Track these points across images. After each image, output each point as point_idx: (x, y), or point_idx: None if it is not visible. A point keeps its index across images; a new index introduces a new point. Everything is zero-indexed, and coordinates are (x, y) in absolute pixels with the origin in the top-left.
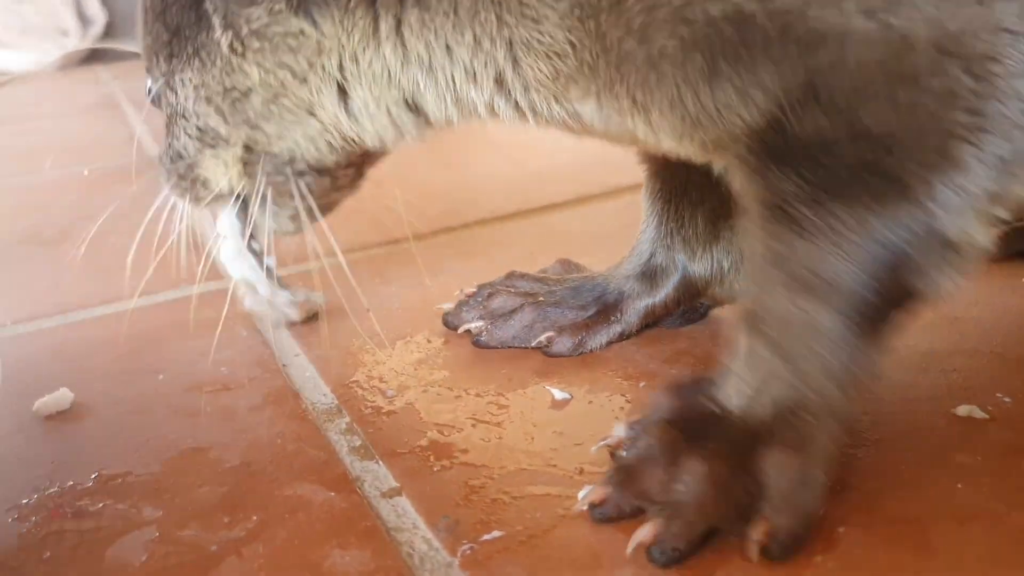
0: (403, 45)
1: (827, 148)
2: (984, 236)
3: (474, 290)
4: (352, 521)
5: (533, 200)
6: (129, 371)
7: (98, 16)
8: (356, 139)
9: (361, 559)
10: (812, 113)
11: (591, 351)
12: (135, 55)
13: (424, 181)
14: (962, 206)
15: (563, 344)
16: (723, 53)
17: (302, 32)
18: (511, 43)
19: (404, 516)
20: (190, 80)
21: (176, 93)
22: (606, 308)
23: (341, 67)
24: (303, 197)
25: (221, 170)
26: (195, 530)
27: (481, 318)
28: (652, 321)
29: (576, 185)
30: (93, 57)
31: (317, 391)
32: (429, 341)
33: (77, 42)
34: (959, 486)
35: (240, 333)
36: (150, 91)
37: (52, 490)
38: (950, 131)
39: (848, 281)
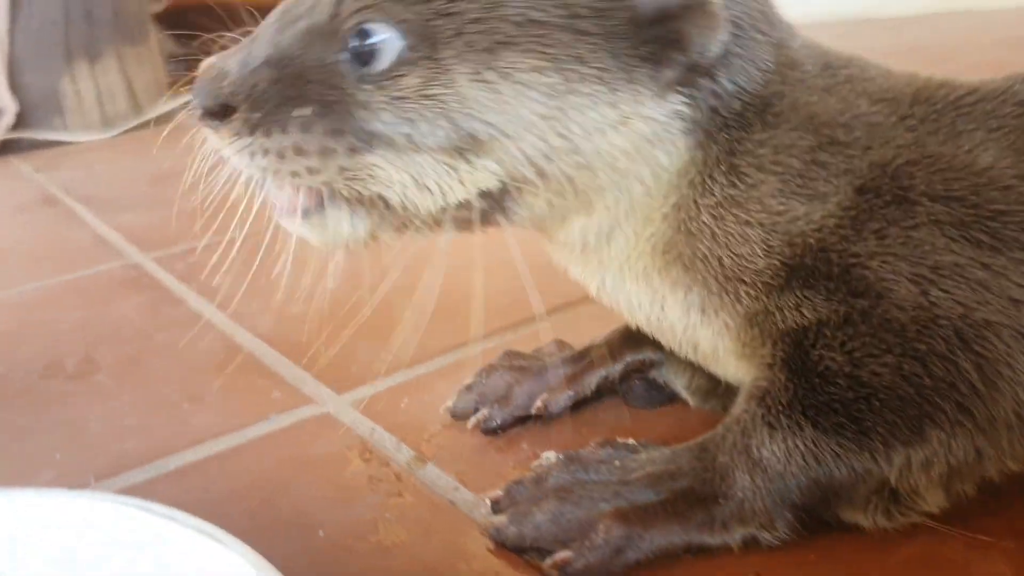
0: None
1: (827, 377)
2: (934, 499)
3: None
4: None
5: None
6: (272, 526)
7: (9, 106)
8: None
9: None
10: (834, 341)
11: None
12: (51, 144)
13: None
14: (916, 470)
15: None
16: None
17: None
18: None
19: None
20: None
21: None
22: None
23: None
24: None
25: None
26: None
27: (482, 403)
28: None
29: None
30: (5, 148)
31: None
32: None
33: None
34: None
35: (364, 472)
36: None
37: None
38: (931, 416)
39: (784, 474)
